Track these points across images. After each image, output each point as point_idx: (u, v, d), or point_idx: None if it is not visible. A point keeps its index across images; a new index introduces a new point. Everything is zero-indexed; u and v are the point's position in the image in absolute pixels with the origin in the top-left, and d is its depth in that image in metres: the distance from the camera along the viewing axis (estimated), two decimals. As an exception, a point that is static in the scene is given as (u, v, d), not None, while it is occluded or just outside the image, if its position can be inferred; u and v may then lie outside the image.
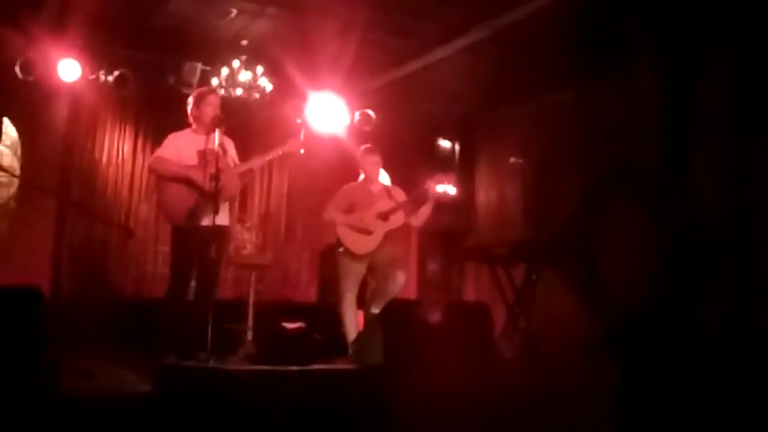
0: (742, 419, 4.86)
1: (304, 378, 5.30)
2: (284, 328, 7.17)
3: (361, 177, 7.57)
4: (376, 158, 7.53)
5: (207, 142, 6.31)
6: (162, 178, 6.44)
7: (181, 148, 6.44)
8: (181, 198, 6.31)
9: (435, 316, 5.60)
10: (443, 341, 5.50)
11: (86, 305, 8.43)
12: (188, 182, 6.29)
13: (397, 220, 7.39)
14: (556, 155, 9.13)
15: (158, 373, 5.01)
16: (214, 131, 6.30)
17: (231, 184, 6.36)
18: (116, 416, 4.59)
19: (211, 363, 5.75)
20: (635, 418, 4.93)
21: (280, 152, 6.72)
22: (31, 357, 4.33)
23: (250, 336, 7.70)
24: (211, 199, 6.15)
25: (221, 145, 6.32)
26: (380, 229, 7.32)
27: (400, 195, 7.55)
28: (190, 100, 6.57)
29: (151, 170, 7.15)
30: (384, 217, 7.34)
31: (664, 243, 7.16)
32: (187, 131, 6.56)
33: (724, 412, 4.92)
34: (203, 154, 6.35)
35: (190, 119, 6.54)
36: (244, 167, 6.54)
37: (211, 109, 6.47)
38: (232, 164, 6.44)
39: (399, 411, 4.79)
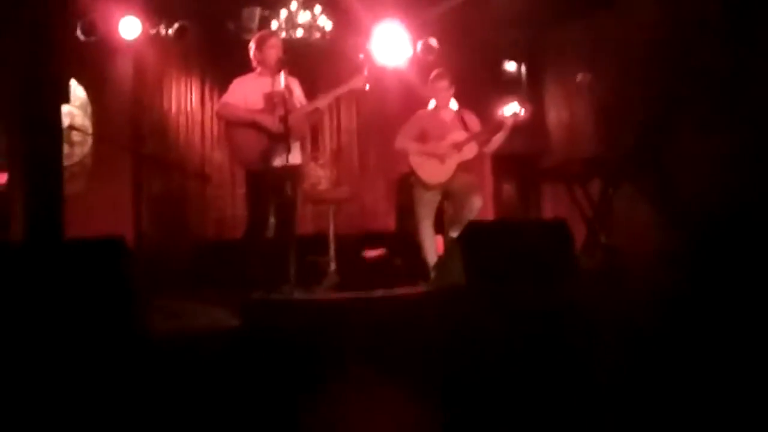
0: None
1: (388, 302, 5.35)
2: (366, 256, 7.25)
3: (432, 104, 7.53)
4: (446, 84, 7.46)
5: (273, 84, 6.35)
6: (230, 123, 6.51)
7: (246, 93, 6.50)
8: (251, 142, 6.39)
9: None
10: (524, 260, 5.49)
11: (170, 251, 8.59)
12: (257, 126, 6.34)
13: (471, 150, 7.34)
14: (625, 67, 8.97)
15: (246, 307, 5.09)
16: (279, 73, 6.34)
17: (300, 124, 6.41)
18: (207, 352, 4.67)
19: (296, 295, 5.83)
20: (711, 329, 4.87)
21: (346, 89, 6.74)
22: (122, 303, 4.44)
23: (333, 266, 7.76)
24: (281, 140, 6.20)
25: (287, 86, 6.37)
26: (454, 160, 7.28)
27: (473, 121, 7.49)
28: (252, 45, 6.64)
29: (219, 116, 7.24)
30: (458, 147, 7.29)
31: (744, 148, 7.01)
32: (251, 75, 6.62)
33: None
34: (270, 97, 6.41)
35: (254, 63, 6.61)
36: (311, 107, 6.58)
37: (273, 51, 6.51)
38: (298, 105, 6.48)
39: (482, 331, 4.80)
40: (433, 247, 7.23)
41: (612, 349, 4.68)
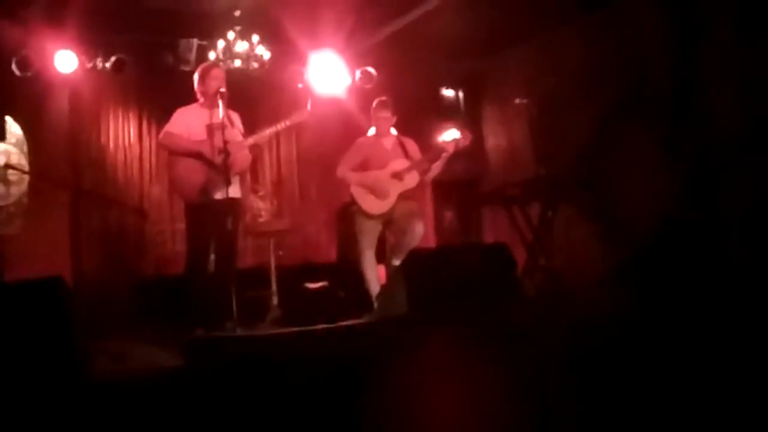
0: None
1: (332, 335, 5.34)
2: (308, 289, 7.23)
3: (372, 131, 7.55)
4: (387, 114, 7.48)
5: (217, 116, 6.36)
6: (172, 153, 6.49)
7: (189, 123, 6.50)
8: (192, 173, 6.37)
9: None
10: (466, 286, 5.52)
11: (110, 289, 8.44)
12: (198, 156, 6.34)
13: (412, 179, 7.34)
14: (561, 91, 9.08)
15: (189, 346, 5.05)
16: (216, 104, 6.35)
17: (240, 156, 6.41)
18: (152, 393, 4.63)
19: (240, 331, 5.81)
20: (658, 346, 4.94)
21: (288, 123, 6.75)
22: (63, 345, 4.38)
23: (275, 301, 7.75)
24: (221, 172, 6.20)
25: (228, 118, 6.37)
26: (395, 189, 7.29)
27: (413, 148, 7.51)
28: (196, 76, 6.63)
29: (161, 145, 7.22)
30: (399, 176, 7.30)
31: (680, 166, 7.12)
32: (194, 106, 6.64)
33: (748, 339, 4.91)
34: (211, 128, 6.39)
35: (197, 94, 6.60)
36: (252, 140, 6.57)
37: (215, 83, 6.52)
38: (239, 137, 6.47)
39: (426, 359, 4.82)
40: (375, 276, 7.24)
41: (556, 372, 4.73)
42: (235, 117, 6.65)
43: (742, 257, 6.67)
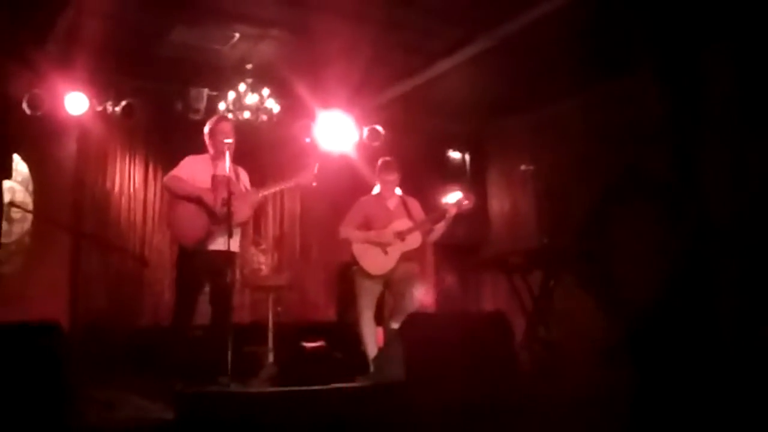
0: (761, 416, 4.82)
1: (327, 397, 5.28)
2: (305, 348, 7.19)
3: (376, 189, 7.54)
4: (393, 176, 7.47)
5: (224, 168, 6.37)
6: (175, 196, 6.50)
7: (195, 171, 6.53)
8: (192, 219, 6.38)
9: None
10: (463, 354, 5.48)
11: (105, 336, 8.37)
12: (200, 203, 6.34)
13: (414, 240, 7.31)
14: (566, 161, 9.11)
15: (180, 399, 4.99)
16: (223, 156, 6.36)
17: (242, 209, 6.39)
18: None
19: (233, 387, 5.75)
20: (656, 422, 4.90)
21: (293, 183, 6.77)
22: (55, 391, 4.34)
23: (271, 358, 7.70)
24: (221, 222, 6.20)
25: (234, 171, 6.39)
26: (396, 250, 7.25)
27: (416, 209, 7.49)
28: (206, 128, 6.67)
29: (165, 188, 7.21)
30: (401, 237, 7.27)
31: (677, 244, 7.13)
32: (204, 156, 6.67)
33: (744, 413, 4.88)
34: (217, 179, 6.41)
35: (207, 146, 6.63)
36: (257, 194, 6.58)
37: (222, 136, 6.54)
38: (244, 190, 6.48)
39: (421, 425, 4.77)
40: (373, 338, 7.18)
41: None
42: (243, 173, 6.67)
43: (734, 335, 6.67)
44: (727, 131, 7.16)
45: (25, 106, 8.39)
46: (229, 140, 6.44)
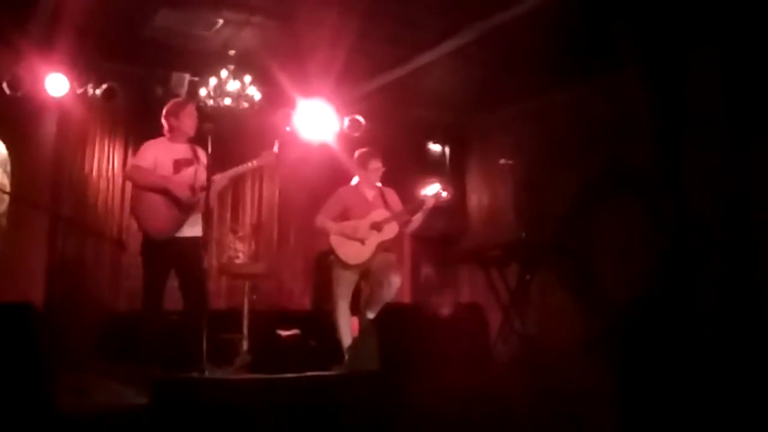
0: (741, 415, 4.86)
1: (300, 385, 5.29)
2: (279, 336, 7.18)
3: (355, 180, 7.54)
4: (377, 164, 7.48)
5: (185, 152, 6.34)
6: (138, 187, 6.43)
7: (157, 157, 6.44)
8: (158, 209, 6.31)
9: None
10: (438, 345, 5.50)
11: (80, 320, 8.32)
12: (165, 192, 6.27)
13: (391, 230, 7.33)
14: (546, 156, 9.16)
15: (154, 385, 4.99)
16: (193, 141, 6.33)
17: (209, 195, 6.36)
18: (114, 431, 4.59)
19: (207, 373, 5.75)
20: (634, 417, 4.93)
21: (254, 165, 6.70)
22: (28, 373, 4.32)
23: (245, 345, 7.69)
24: (188, 210, 6.17)
25: (195, 154, 6.35)
26: (374, 240, 7.26)
27: (394, 199, 7.50)
28: (168, 109, 6.57)
29: (128, 179, 7.15)
30: (378, 227, 7.28)
31: (658, 241, 7.16)
32: (162, 139, 6.57)
33: (724, 408, 4.92)
34: (179, 164, 6.36)
35: (167, 128, 6.53)
36: (221, 180, 6.50)
37: (191, 120, 6.49)
38: (204, 174, 6.38)
39: (395, 416, 4.79)
40: (348, 328, 7.19)
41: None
42: (202, 154, 6.54)
43: (714, 333, 6.71)
44: (711, 130, 7.21)
45: (5, 86, 8.36)
46: (207, 124, 6.40)
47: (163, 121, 6.58)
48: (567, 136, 8.94)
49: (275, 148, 6.69)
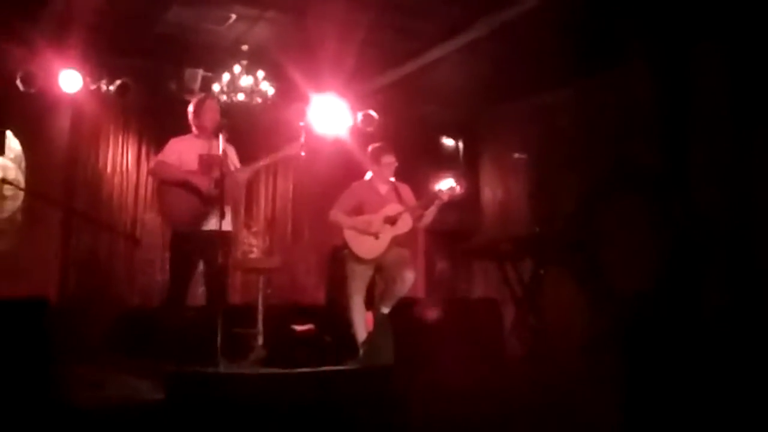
0: (745, 412, 4.84)
1: (315, 380, 5.29)
2: (294, 331, 7.19)
3: (369, 175, 7.53)
4: (390, 158, 7.47)
5: (209, 147, 6.35)
6: (163, 182, 6.46)
7: (182, 153, 6.46)
8: (182, 203, 6.33)
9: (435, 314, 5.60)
10: (453, 339, 5.49)
11: (94, 315, 8.33)
12: (189, 187, 6.29)
13: (405, 224, 7.31)
14: (559, 151, 9.13)
15: (169, 380, 4.99)
16: (217, 137, 6.32)
17: (233, 188, 6.37)
18: (129, 425, 4.59)
19: (222, 368, 5.76)
20: (642, 412, 4.92)
21: (281, 156, 6.74)
22: (42, 368, 4.33)
23: (260, 340, 7.68)
24: (213, 203, 6.17)
25: (223, 150, 6.34)
26: (387, 234, 7.24)
27: (408, 194, 7.49)
28: (191, 107, 6.61)
29: (152, 174, 7.17)
30: (392, 221, 7.26)
31: (665, 237, 7.15)
32: (188, 136, 6.60)
33: (728, 405, 4.90)
34: (204, 159, 6.38)
35: (192, 125, 6.57)
36: (246, 172, 6.55)
37: (211, 114, 6.51)
38: (233, 168, 6.43)
39: (409, 410, 4.79)
40: (363, 323, 7.18)
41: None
42: (231, 150, 6.57)
43: (720, 328, 6.70)
44: (716, 127, 7.19)
45: (18, 83, 8.36)
46: (219, 119, 6.42)
47: (189, 118, 6.60)
48: (577, 131, 8.92)
49: (302, 139, 6.70)
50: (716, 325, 6.68)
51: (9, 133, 8.57)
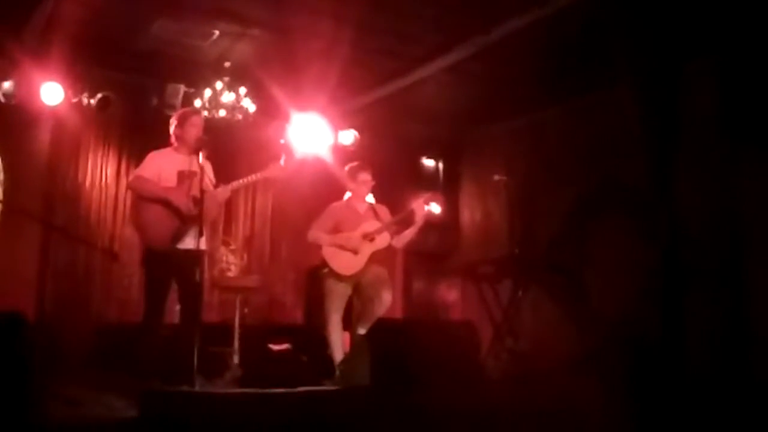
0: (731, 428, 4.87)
1: (291, 400, 5.28)
2: (270, 351, 7.16)
3: (347, 195, 7.56)
4: (367, 177, 7.50)
5: (189, 163, 6.31)
6: (141, 198, 6.41)
7: (161, 168, 6.41)
8: (160, 221, 6.28)
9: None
10: (430, 361, 5.50)
11: (71, 331, 8.28)
12: (167, 204, 6.25)
13: (383, 240, 7.36)
14: (540, 172, 9.16)
15: (144, 398, 4.97)
16: (197, 153, 6.28)
17: (212, 207, 6.34)
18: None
19: (198, 387, 5.73)
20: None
21: (261, 177, 6.70)
22: (18, 384, 4.30)
23: (236, 359, 7.67)
24: (191, 223, 6.14)
25: (201, 167, 6.29)
26: (366, 250, 7.29)
27: (385, 214, 7.53)
28: (174, 120, 6.57)
29: (130, 189, 7.12)
30: (370, 237, 7.31)
31: (650, 258, 7.17)
32: (167, 150, 6.55)
33: (713, 423, 4.93)
34: (183, 175, 6.34)
35: (173, 138, 6.52)
36: (226, 191, 6.50)
37: (194, 130, 6.46)
38: (210, 187, 6.37)
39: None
40: (340, 343, 7.19)
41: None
42: (208, 166, 6.51)
43: (705, 349, 6.73)
44: (703, 146, 7.23)
45: (-1, 94, 8.33)
46: (202, 136, 6.39)
47: (171, 131, 6.56)
48: (559, 152, 8.96)
49: (282, 161, 6.69)
50: (702, 346, 6.71)
51: (-12, 145, 8.51)
